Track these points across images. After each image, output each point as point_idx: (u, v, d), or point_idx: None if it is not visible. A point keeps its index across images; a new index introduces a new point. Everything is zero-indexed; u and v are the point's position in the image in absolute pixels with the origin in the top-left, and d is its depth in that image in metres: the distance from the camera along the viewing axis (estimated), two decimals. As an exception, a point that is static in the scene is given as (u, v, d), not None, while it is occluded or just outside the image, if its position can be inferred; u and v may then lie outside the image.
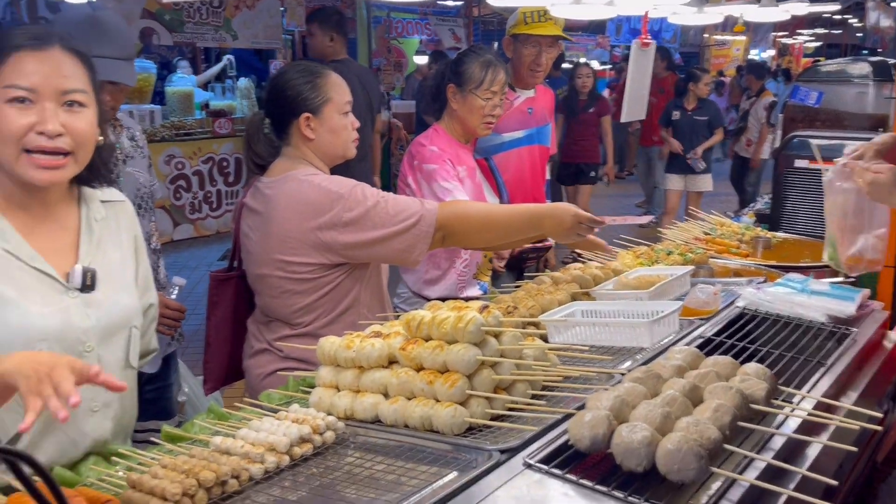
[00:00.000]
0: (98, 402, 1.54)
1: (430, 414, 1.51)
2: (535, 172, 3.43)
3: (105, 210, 1.64)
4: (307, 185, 2.12)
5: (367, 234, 2.08)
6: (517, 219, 2.19)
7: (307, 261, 2.12)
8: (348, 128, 2.23)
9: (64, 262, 1.51)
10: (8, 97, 1.40)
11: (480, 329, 1.56)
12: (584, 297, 2.23)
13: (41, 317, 1.41)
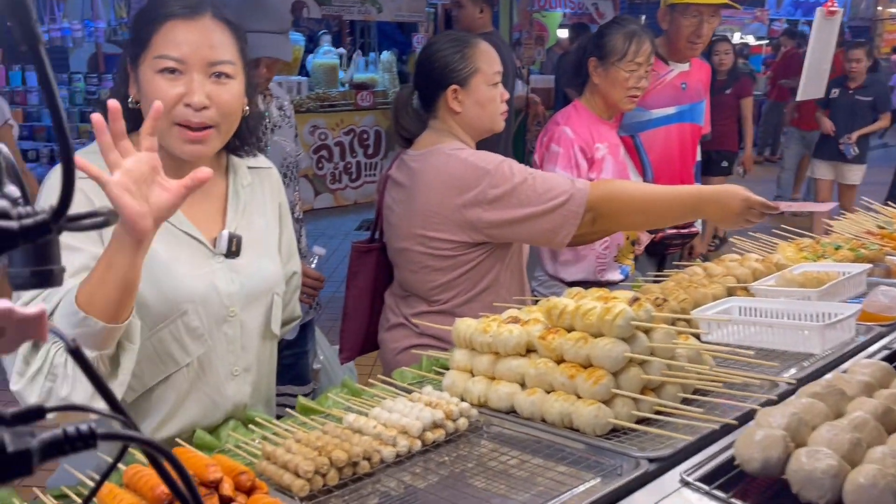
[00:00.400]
0: (239, 367, 1.55)
1: (571, 410, 1.41)
2: (685, 152, 3.21)
3: (251, 176, 1.65)
4: (454, 160, 2.05)
5: (512, 213, 1.98)
6: (677, 202, 2.01)
7: (449, 237, 2.06)
8: (496, 100, 2.14)
9: (211, 227, 1.53)
10: (159, 67, 1.41)
11: (630, 323, 1.43)
12: (742, 293, 2.04)
13: (190, 278, 1.44)
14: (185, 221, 1.49)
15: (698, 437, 1.30)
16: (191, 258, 1.47)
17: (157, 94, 1.39)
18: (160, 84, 1.40)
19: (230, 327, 1.52)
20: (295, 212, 2.46)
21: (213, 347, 1.50)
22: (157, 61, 1.40)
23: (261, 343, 1.62)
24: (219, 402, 1.53)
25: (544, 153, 2.73)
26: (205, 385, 1.50)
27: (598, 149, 2.69)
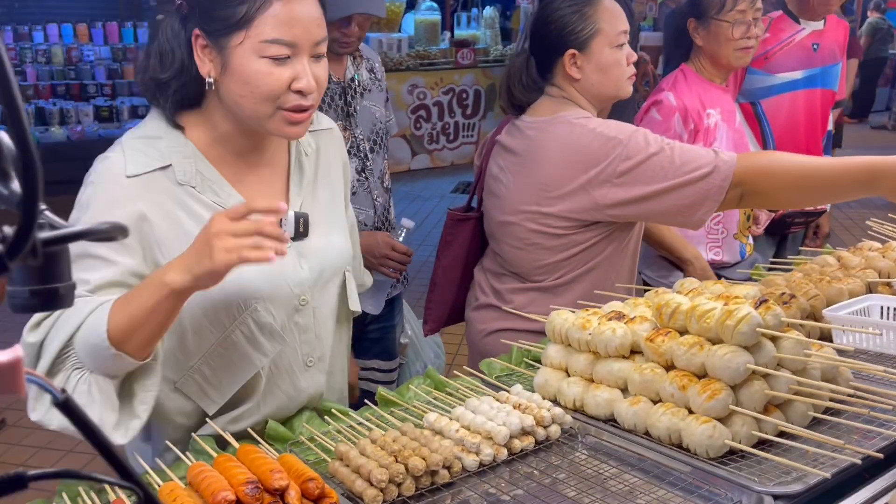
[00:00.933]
0: (314, 357, 1.46)
1: (681, 427, 1.23)
2: (814, 121, 2.87)
3: (315, 141, 1.51)
4: (580, 130, 1.84)
5: (644, 188, 1.76)
6: (844, 176, 1.67)
7: (567, 215, 1.86)
8: (622, 63, 1.90)
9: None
10: (268, 53, 1.26)
11: (756, 330, 1.24)
12: (885, 290, 1.77)
13: (255, 271, 1.32)
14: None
15: (836, 472, 1.10)
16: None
17: (261, 80, 1.25)
18: (268, 70, 1.26)
19: (302, 316, 1.41)
20: (384, 181, 2.34)
21: (286, 340, 1.40)
22: (266, 46, 1.25)
23: (336, 327, 1.52)
24: (293, 396, 1.44)
25: (643, 118, 2.49)
26: (279, 380, 1.41)
27: (708, 115, 2.43)
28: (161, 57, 1.31)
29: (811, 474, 1.10)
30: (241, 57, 1.26)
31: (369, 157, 2.24)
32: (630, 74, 1.91)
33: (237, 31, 1.25)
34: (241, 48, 1.26)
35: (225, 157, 1.37)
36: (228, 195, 1.35)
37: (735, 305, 1.28)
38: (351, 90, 2.18)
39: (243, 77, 1.26)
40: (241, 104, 1.29)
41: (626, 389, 1.36)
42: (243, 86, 1.27)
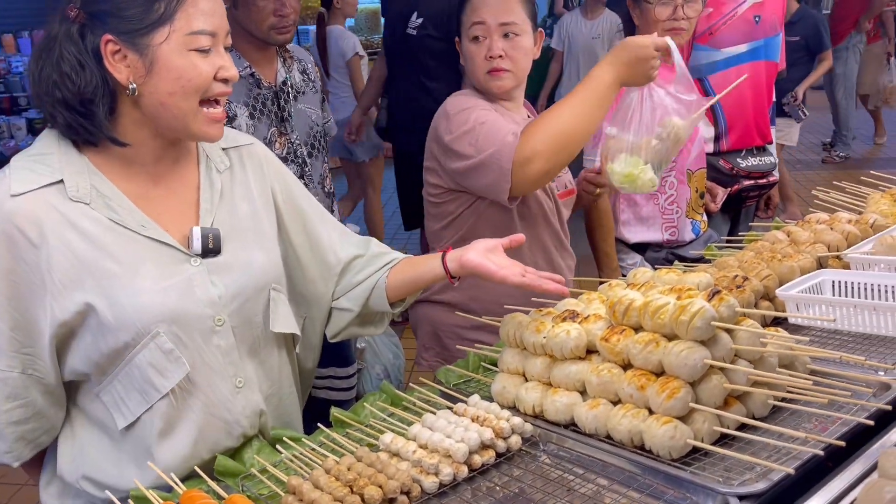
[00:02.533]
0: (242, 378, 1.37)
1: (642, 429, 1.20)
2: (760, 93, 2.88)
3: (229, 158, 1.44)
4: (445, 105, 1.96)
5: (458, 162, 1.86)
6: (593, 95, 1.76)
7: (434, 181, 1.99)
8: (475, 57, 1.93)
9: (184, 225, 1.33)
10: (196, 45, 1.23)
11: (711, 325, 1.21)
12: (835, 263, 1.77)
13: (157, 293, 1.25)
14: (150, 223, 1.29)
15: (799, 465, 1.08)
16: (158, 267, 1.27)
17: (192, 72, 1.23)
18: (196, 63, 1.23)
19: (222, 337, 1.33)
20: (325, 186, 2.26)
21: (207, 363, 1.31)
22: (193, 38, 1.22)
23: (268, 346, 1.44)
24: (230, 420, 1.36)
25: None
26: (209, 406, 1.33)
27: None
28: (71, 77, 1.22)
29: (775, 470, 1.07)
30: (169, 53, 1.22)
31: (308, 162, 2.17)
32: (489, 69, 1.92)
33: (160, 27, 1.21)
34: (168, 44, 1.21)
35: (125, 172, 1.30)
36: (128, 211, 1.27)
37: (688, 299, 1.25)
38: (284, 94, 2.10)
39: (174, 73, 1.22)
40: (167, 103, 1.23)
41: (585, 392, 1.33)
42: (174, 82, 1.22)
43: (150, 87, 1.23)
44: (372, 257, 1.58)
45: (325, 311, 1.58)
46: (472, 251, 1.47)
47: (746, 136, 2.85)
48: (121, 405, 1.29)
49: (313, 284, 1.55)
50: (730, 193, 2.78)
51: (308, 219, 1.54)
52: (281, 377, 1.48)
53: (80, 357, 1.27)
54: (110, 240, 1.25)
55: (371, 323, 1.61)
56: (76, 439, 1.35)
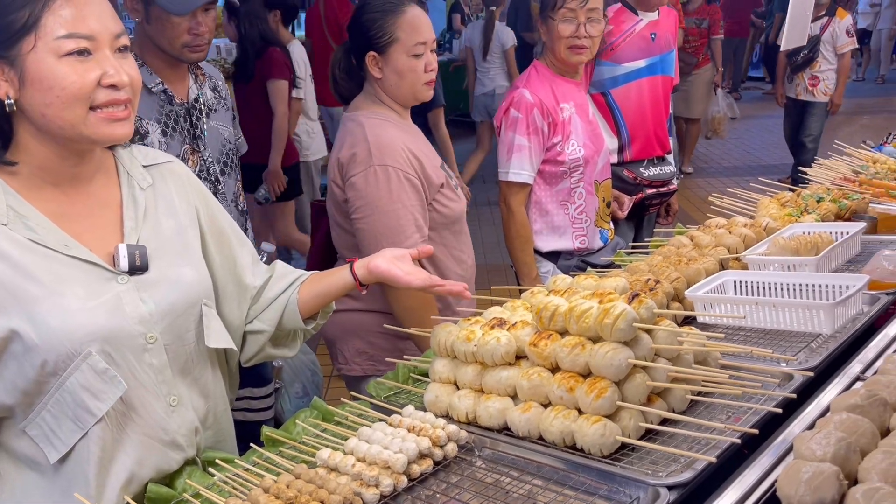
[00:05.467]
0: (176, 395, 1.34)
1: (573, 429, 1.25)
2: (658, 106, 3.04)
3: (151, 175, 1.40)
4: (355, 130, 2.03)
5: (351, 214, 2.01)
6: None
7: (343, 197, 2.05)
8: (417, 70, 2.01)
9: (108, 243, 1.29)
10: (67, 49, 1.17)
11: (632, 326, 1.28)
12: (735, 264, 1.90)
13: (85, 312, 1.21)
14: (71, 242, 1.24)
15: (720, 453, 1.16)
16: (84, 287, 1.23)
17: (67, 80, 1.17)
18: (71, 69, 1.18)
19: (153, 355, 1.29)
20: (239, 204, 2.23)
21: (140, 383, 1.28)
22: (62, 43, 1.16)
23: (201, 363, 1.41)
24: (166, 441, 1.32)
25: (503, 119, 2.54)
26: (144, 427, 1.29)
27: (562, 109, 2.51)
28: None
29: (698, 459, 1.14)
30: (37, 62, 1.17)
31: (221, 179, 2.13)
32: (427, 80, 2.04)
33: (25, 35, 1.16)
34: (35, 52, 1.16)
35: (43, 190, 1.25)
36: (48, 231, 1.22)
37: (610, 303, 1.31)
38: (196, 111, 2.06)
39: (45, 83, 1.17)
40: (48, 115, 1.18)
41: (516, 396, 1.37)
42: (47, 92, 1.17)
43: (27, 100, 1.18)
44: (280, 277, 1.58)
45: (240, 334, 1.56)
46: (380, 258, 1.52)
47: (648, 147, 3.01)
48: (51, 437, 1.23)
49: (229, 306, 1.52)
50: (634, 201, 2.91)
51: (228, 239, 1.51)
52: (215, 395, 1.45)
53: (4, 387, 1.20)
54: (30, 260, 1.19)
55: (285, 344, 1.60)
56: (3, 483, 1.27)
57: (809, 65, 6.33)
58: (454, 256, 2.14)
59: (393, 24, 2.00)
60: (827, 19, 6.15)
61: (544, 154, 2.50)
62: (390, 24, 2.00)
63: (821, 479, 0.87)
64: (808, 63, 6.32)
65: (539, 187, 2.54)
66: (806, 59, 6.29)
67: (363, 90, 2.12)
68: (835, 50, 6.30)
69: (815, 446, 0.94)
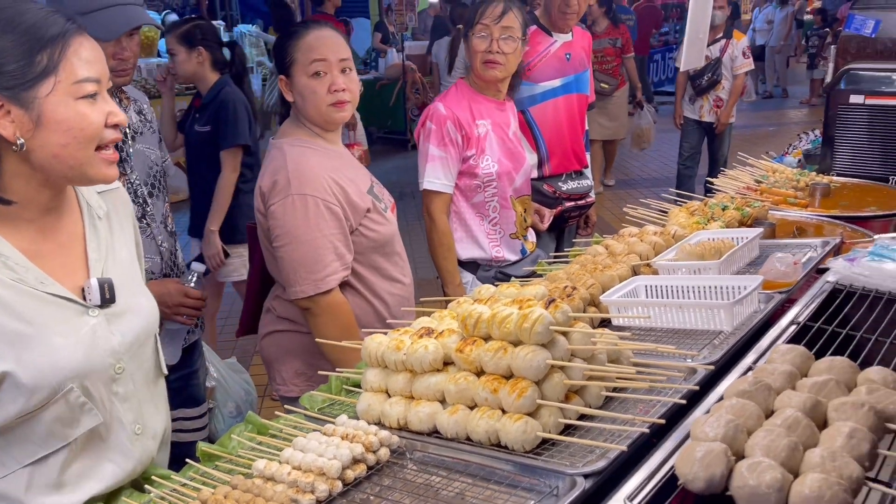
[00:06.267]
0: (140, 424, 1.38)
1: (497, 427, 1.33)
2: (573, 123, 3.20)
3: (105, 203, 1.44)
4: (277, 156, 2.05)
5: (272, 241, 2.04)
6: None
7: (265, 223, 2.08)
8: (317, 91, 2.03)
9: (76, 278, 1.32)
10: (83, 93, 1.21)
11: (549, 329, 1.37)
12: (646, 270, 2.03)
13: (69, 349, 1.24)
14: (46, 279, 1.27)
15: (630, 443, 1.26)
16: (63, 322, 1.26)
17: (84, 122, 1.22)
18: (86, 111, 1.22)
19: (120, 385, 1.33)
20: (168, 225, 2.24)
21: (108, 412, 1.31)
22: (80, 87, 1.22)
23: (153, 390, 1.45)
24: (127, 469, 1.36)
25: (421, 130, 2.66)
26: (111, 454, 1.33)
27: (478, 125, 2.62)
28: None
29: (611, 449, 1.24)
30: (56, 104, 1.20)
31: (149, 202, 2.14)
32: (333, 102, 2.03)
33: (44, 79, 1.19)
34: (54, 95, 1.20)
35: (19, 228, 1.27)
36: (25, 269, 1.25)
37: (528, 308, 1.41)
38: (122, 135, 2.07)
39: (64, 124, 1.20)
40: (62, 155, 1.21)
41: (445, 401, 1.45)
42: (65, 133, 1.21)
43: (39, 141, 1.21)
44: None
45: None
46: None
47: (565, 162, 3.15)
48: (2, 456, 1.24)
49: None
50: (555, 214, 3.05)
51: (141, 266, 1.55)
52: (167, 416, 1.50)
53: None
54: (16, 300, 1.21)
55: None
56: None
57: (714, 87, 6.45)
58: (387, 278, 2.18)
59: (292, 46, 2.05)
60: (725, 41, 6.32)
61: (461, 165, 2.60)
62: (290, 47, 2.05)
63: (711, 456, 0.98)
64: (712, 86, 6.44)
65: (457, 198, 2.65)
66: (711, 82, 6.42)
67: (290, 114, 2.16)
68: (732, 71, 6.44)
69: (708, 428, 1.05)
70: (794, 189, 3.16)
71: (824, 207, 2.99)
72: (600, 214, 6.86)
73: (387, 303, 2.14)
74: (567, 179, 3.17)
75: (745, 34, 7.67)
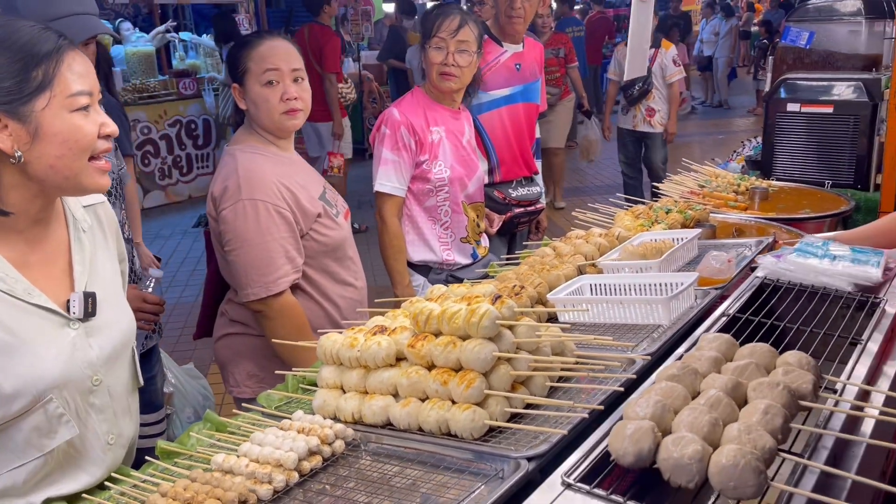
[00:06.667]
0: (114, 434, 1.43)
1: (447, 417, 1.40)
2: (521, 132, 3.29)
3: (90, 216, 1.49)
4: (229, 163, 2.11)
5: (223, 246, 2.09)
6: None
7: (217, 228, 2.13)
8: (269, 100, 2.10)
9: (60, 290, 1.37)
10: (77, 105, 1.26)
11: (495, 323, 1.45)
12: (591, 270, 2.13)
13: (50, 360, 1.28)
14: (34, 290, 1.31)
15: (571, 427, 1.34)
16: (46, 333, 1.30)
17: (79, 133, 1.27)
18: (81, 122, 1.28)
19: (97, 397, 1.38)
20: (124, 232, 2.26)
21: (84, 423, 1.36)
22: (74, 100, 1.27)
23: (129, 401, 1.50)
24: (98, 476, 1.40)
25: (376, 134, 2.74)
26: (85, 462, 1.37)
27: (432, 132, 2.71)
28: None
29: (554, 434, 1.32)
30: (52, 117, 1.25)
31: (106, 209, 2.16)
32: (285, 110, 2.10)
33: (40, 94, 1.24)
34: (50, 109, 1.25)
35: (9, 238, 1.30)
36: (14, 280, 1.28)
37: (476, 304, 1.48)
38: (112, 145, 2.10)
39: (60, 136, 1.25)
40: (57, 166, 1.26)
41: (397, 394, 1.51)
42: (62, 145, 1.25)
43: (36, 153, 1.25)
44: None
45: None
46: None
47: (515, 169, 3.25)
48: None
49: None
50: (504, 220, 3.14)
51: (124, 279, 1.59)
52: (137, 424, 1.55)
53: None
54: (3, 311, 1.24)
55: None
56: None
57: (645, 97, 6.51)
58: (339, 282, 2.24)
59: (246, 55, 2.11)
60: (654, 51, 6.37)
61: (414, 170, 2.68)
62: (244, 56, 2.11)
63: (640, 433, 1.06)
64: (643, 95, 6.50)
65: (410, 202, 2.72)
66: (641, 92, 6.48)
67: (244, 122, 2.21)
68: (664, 80, 6.50)
69: (638, 408, 1.13)
70: (735, 193, 3.31)
71: (762, 210, 3.14)
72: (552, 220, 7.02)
73: (338, 306, 2.20)
74: (517, 186, 3.26)
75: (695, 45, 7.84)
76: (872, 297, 1.69)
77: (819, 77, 3.85)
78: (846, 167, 3.64)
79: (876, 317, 1.60)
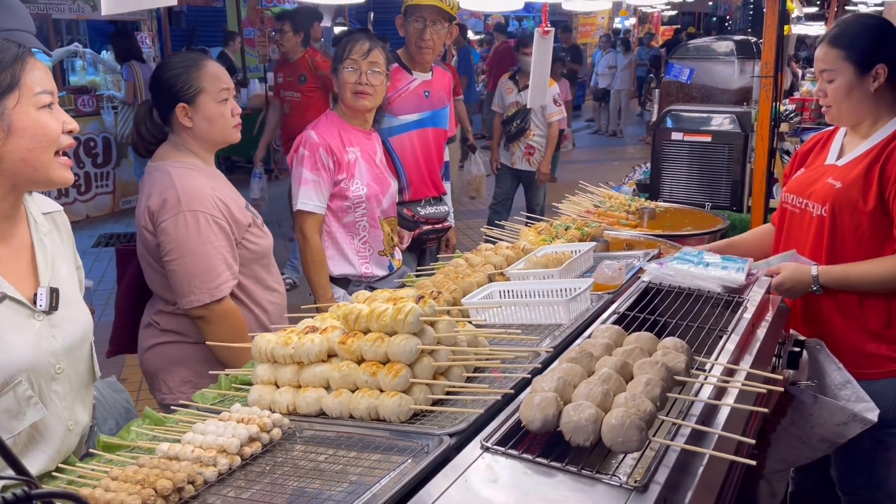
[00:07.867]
0: (74, 421, 1.54)
1: (376, 404, 1.56)
2: (429, 156, 3.49)
3: (48, 223, 1.59)
4: (162, 178, 2.21)
5: (163, 256, 2.19)
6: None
7: (154, 241, 2.22)
8: (225, 115, 2.27)
9: (26, 284, 1.47)
10: (43, 103, 1.39)
11: (419, 319, 1.62)
12: (500, 278, 2.34)
13: (19, 347, 1.39)
14: (6, 284, 1.41)
15: (486, 409, 1.53)
16: (15, 322, 1.41)
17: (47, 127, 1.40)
18: (47, 119, 1.40)
19: (59, 384, 1.48)
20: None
21: (47, 408, 1.46)
22: (39, 98, 1.40)
23: (87, 392, 1.61)
24: (55, 459, 1.49)
25: (294, 156, 2.88)
26: (45, 446, 1.46)
27: (348, 151, 2.88)
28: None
29: (472, 414, 1.51)
30: (22, 114, 1.37)
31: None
32: (235, 124, 2.31)
33: (10, 93, 1.36)
34: (20, 107, 1.37)
35: None
36: None
37: (402, 303, 1.66)
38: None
39: (30, 131, 1.37)
40: (28, 159, 1.37)
41: (329, 388, 1.66)
42: (32, 139, 1.37)
43: (9, 148, 1.37)
44: None
45: None
46: None
47: (423, 189, 3.46)
48: None
49: None
50: (413, 236, 3.33)
51: (81, 284, 1.69)
52: (91, 416, 1.67)
53: None
54: None
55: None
56: None
57: (523, 134, 6.23)
58: (267, 288, 2.38)
59: (197, 76, 2.24)
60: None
61: (332, 188, 2.84)
62: (195, 77, 2.24)
63: (546, 402, 1.26)
64: (521, 133, 6.22)
65: (329, 219, 2.87)
66: (519, 129, 6.20)
67: (168, 140, 2.31)
68: (545, 118, 6.23)
69: (544, 383, 1.34)
70: (627, 213, 3.64)
71: (650, 228, 3.46)
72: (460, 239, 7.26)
73: (267, 311, 2.32)
74: (425, 205, 3.46)
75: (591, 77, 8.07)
76: (737, 297, 1.98)
77: (699, 109, 4.26)
78: (723, 190, 4.05)
79: (739, 313, 1.88)
